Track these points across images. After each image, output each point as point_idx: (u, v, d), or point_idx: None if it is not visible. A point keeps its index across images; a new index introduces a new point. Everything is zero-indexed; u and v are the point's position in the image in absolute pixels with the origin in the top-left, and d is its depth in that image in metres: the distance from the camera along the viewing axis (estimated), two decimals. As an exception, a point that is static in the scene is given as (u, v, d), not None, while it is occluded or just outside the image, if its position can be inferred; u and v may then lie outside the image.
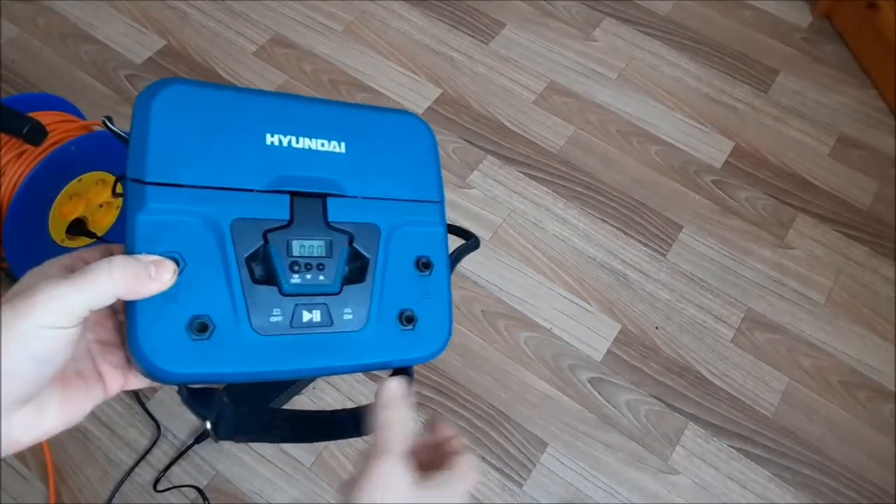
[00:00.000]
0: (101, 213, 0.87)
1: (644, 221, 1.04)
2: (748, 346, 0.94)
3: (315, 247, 0.35)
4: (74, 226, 0.83)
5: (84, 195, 0.82)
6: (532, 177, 1.07)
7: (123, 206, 0.33)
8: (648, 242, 1.02)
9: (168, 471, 0.79)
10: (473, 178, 1.06)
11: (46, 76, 1.10)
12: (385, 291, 0.36)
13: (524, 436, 0.85)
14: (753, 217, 1.05)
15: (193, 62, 1.14)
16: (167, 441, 0.82)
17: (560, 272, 0.98)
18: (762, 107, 1.18)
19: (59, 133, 0.78)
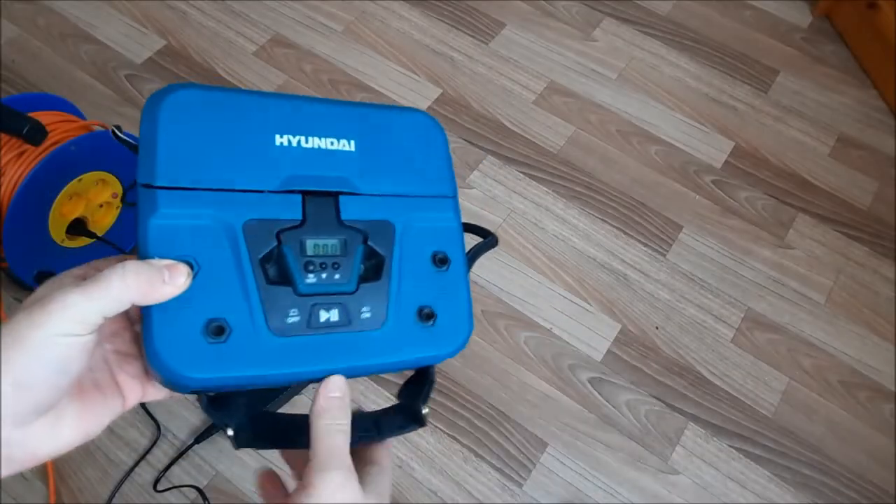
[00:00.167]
0: (101, 213, 0.87)
1: (644, 221, 1.04)
2: (748, 346, 0.94)
3: (329, 246, 0.34)
4: (74, 226, 0.83)
5: (84, 195, 0.82)
6: (532, 177, 1.07)
7: (136, 213, 0.32)
8: (648, 242, 1.02)
9: (168, 471, 0.79)
10: (473, 178, 1.06)
11: (46, 76, 1.10)
12: (402, 288, 0.35)
13: (524, 436, 0.85)
14: (753, 217, 1.05)
15: (193, 62, 1.14)
16: (167, 441, 0.82)
17: (560, 272, 0.98)
18: (762, 107, 1.18)
19: (59, 133, 0.78)
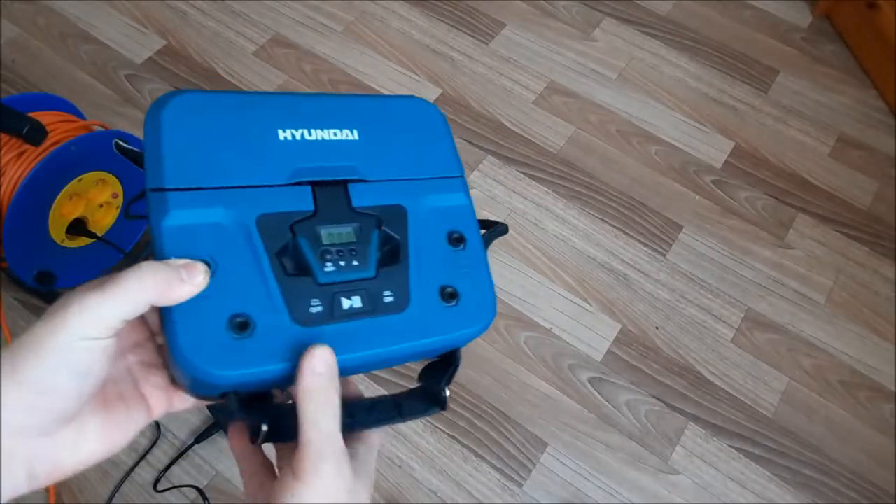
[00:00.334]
0: (101, 213, 0.87)
1: (644, 221, 1.04)
2: (748, 346, 0.94)
3: (344, 233, 0.34)
4: (74, 226, 0.83)
5: (84, 195, 0.82)
6: (532, 177, 1.07)
7: (148, 219, 0.32)
8: (648, 242, 1.02)
9: (168, 471, 0.79)
10: (473, 178, 1.06)
11: (46, 76, 1.10)
12: (422, 270, 0.35)
13: (524, 436, 0.85)
14: (753, 217, 1.05)
15: (193, 62, 1.14)
16: (167, 441, 0.82)
17: (560, 272, 0.98)
18: (762, 107, 1.18)
19: (59, 133, 0.79)
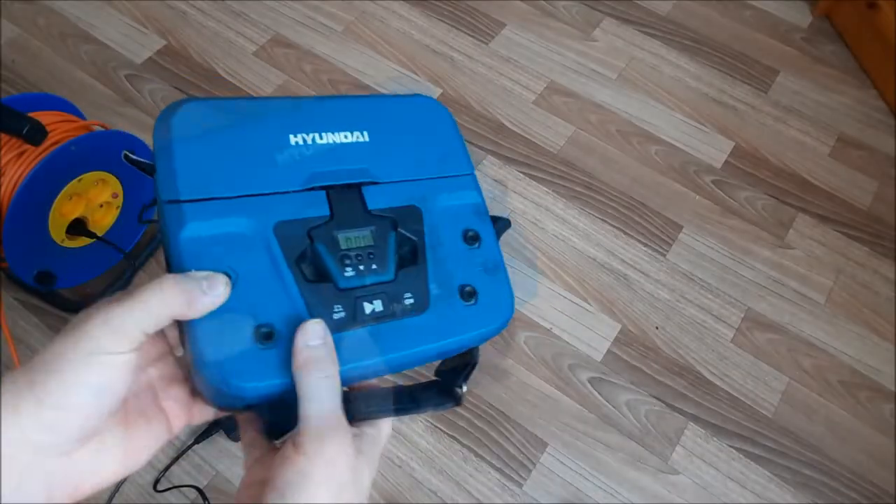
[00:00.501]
0: (101, 213, 0.87)
1: (644, 221, 1.04)
2: (748, 346, 0.94)
3: (361, 237, 0.34)
4: (74, 226, 0.83)
5: (84, 195, 0.82)
6: (532, 177, 1.07)
7: (162, 232, 0.32)
8: (648, 242, 1.02)
9: (168, 471, 0.79)
10: (473, 178, 1.06)
11: (46, 76, 1.10)
12: (440, 270, 0.36)
13: (524, 436, 0.85)
14: (753, 217, 1.05)
15: (193, 62, 1.14)
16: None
17: (560, 272, 0.98)
18: (762, 107, 1.18)
19: (59, 133, 0.78)
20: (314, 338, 0.30)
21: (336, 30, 1.21)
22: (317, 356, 0.29)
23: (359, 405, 0.33)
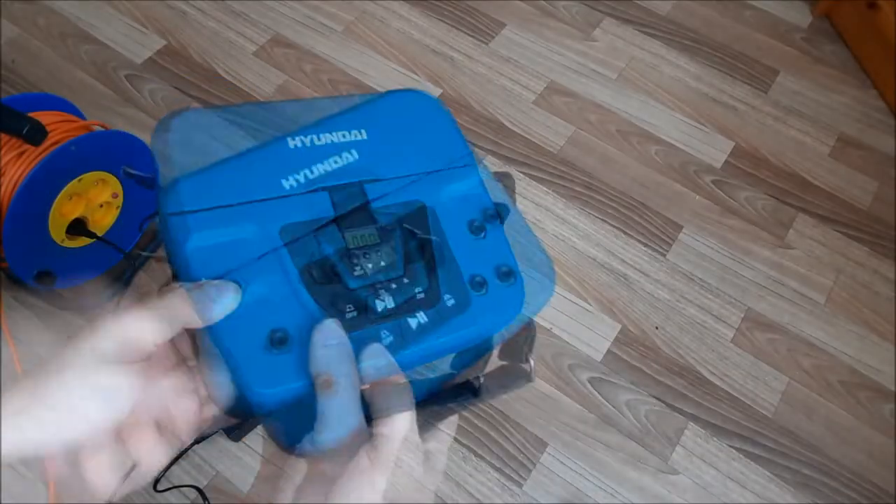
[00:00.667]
0: (101, 213, 0.86)
1: (644, 221, 1.04)
2: (748, 346, 0.94)
3: (367, 235, 0.34)
4: (74, 226, 0.83)
5: (84, 195, 0.82)
6: (532, 177, 1.07)
7: (167, 243, 0.32)
8: (648, 242, 1.02)
9: (168, 471, 0.79)
10: (473, 178, 1.06)
11: (46, 76, 1.10)
12: (449, 262, 0.35)
13: (524, 436, 0.85)
14: (753, 217, 1.05)
15: (193, 62, 1.14)
16: (167, 441, 0.82)
17: (560, 272, 0.98)
18: (762, 107, 1.18)
19: (59, 133, 0.78)
20: (331, 337, 0.30)
21: (336, 30, 1.21)
22: (334, 356, 0.29)
23: (432, 407, 0.33)
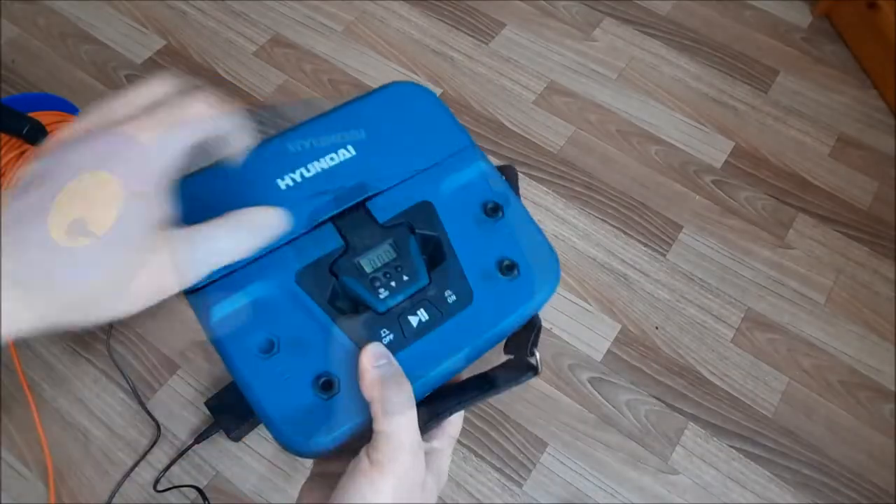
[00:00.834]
0: (101, 213, 0.86)
1: (644, 221, 1.04)
2: (748, 346, 0.94)
3: (383, 254, 0.34)
4: (74, 226, 0.83)
5: (84, 195, 0.82)
6: (532, 177, 1.07)
7: (197, 318, 0.32)
8: (648, 242, 1.02)
9: (168, 471, 0.80)
10: (473, 178, 1.06)
11: (46, 76, 1.10)
12: (472, 255, 0.35)
13: (524, 436, 0.85)
14: (753, 217, 1.05)
15: (193, 62, 1.14)
16: (167, 441, 0.82)
17: (560, 275, 0.98)
18: (762, 107, 1.18)
19: (59, 133, 0.78)
20: (379, 358, 0.30)
21: (336, 30, 1.21)
22: (385, 373, 0.29)
23: (436, 405, 0.33)
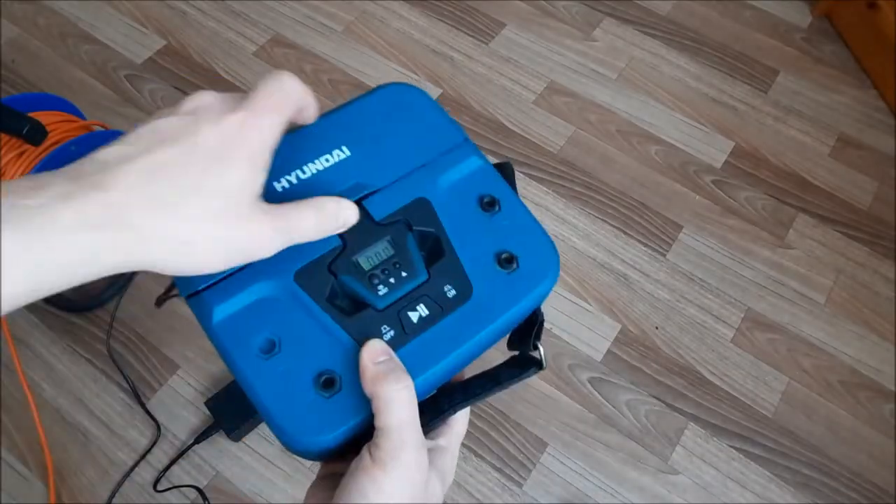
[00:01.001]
0: (101, 213, 0.86)
1: (644, 221, 1.04)
2: (748, 346, 0.94)
3: (380, 251, 0.34)
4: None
5: (84, 195, 0.82)
6: (532, 177, 1.07)
7: (199, 321, 0.32)
8: (648, 242, 1.02)
9: (168, 471, 0.80)
10: (473, 178, 1.06)
11: (46, 76, 1.10)
12: (470, 249, 0.35)
13: (524, 436, 0.85)
14: (753, 217, 1.05)
15: (193, 62, 1.14)
16: (167, 441, 0.82)
17: (560, 272, 0.98)
18: (762, 107, 1.18)
19: (59, 133, 0.79)
20: (380, 354, 0.30)
21: (336, 30, 1.21)
22: (386, 369, 0.29)
23: (440, 402, 0.33)
